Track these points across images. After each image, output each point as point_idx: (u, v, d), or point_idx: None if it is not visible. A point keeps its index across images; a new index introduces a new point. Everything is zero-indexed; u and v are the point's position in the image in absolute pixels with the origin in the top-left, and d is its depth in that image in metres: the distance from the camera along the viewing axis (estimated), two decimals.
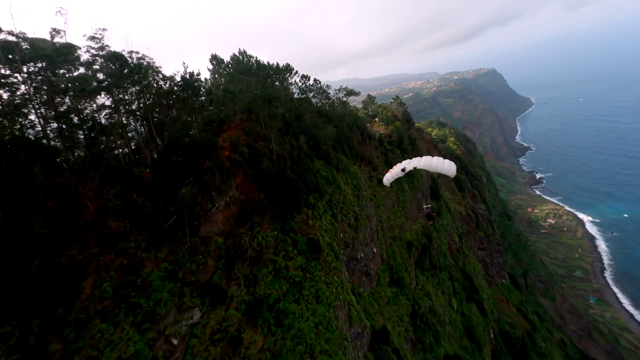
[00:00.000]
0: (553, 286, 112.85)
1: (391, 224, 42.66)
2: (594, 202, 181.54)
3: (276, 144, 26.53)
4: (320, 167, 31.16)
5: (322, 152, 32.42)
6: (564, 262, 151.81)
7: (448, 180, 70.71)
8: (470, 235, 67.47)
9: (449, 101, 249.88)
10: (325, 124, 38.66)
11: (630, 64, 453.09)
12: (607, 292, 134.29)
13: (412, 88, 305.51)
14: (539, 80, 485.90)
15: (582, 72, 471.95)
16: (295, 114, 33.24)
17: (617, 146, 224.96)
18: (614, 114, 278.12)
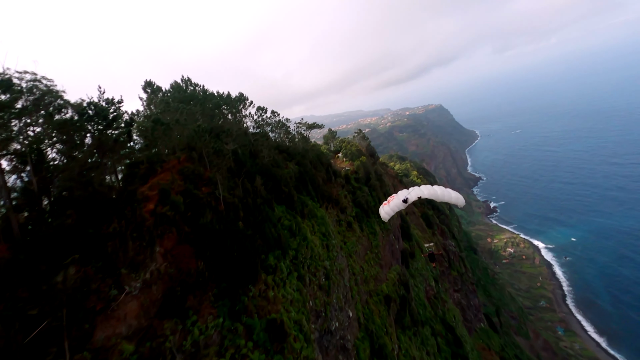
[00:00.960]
0: (525, 322, 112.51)
1: (365, 275, 37.43)
2: (544, 228, 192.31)
3: (224, 189, 20.80)
4: (282, 215, 25.65)
5: (284, 195, 27.09)
6: (528, 292, 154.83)
7: (416, 217, 68.07)
8: (445, 276, 64.17)
9: (403, 135, 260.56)
10: (285, 161, 33.69)
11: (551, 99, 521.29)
12: (571, 320, 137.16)
13: (368, 124, 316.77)
14: (480, 114, 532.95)
15: (515, 106, 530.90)
16: (250, 150, 27.95)
17: (552, 173, 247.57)
18: (546, 143, 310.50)
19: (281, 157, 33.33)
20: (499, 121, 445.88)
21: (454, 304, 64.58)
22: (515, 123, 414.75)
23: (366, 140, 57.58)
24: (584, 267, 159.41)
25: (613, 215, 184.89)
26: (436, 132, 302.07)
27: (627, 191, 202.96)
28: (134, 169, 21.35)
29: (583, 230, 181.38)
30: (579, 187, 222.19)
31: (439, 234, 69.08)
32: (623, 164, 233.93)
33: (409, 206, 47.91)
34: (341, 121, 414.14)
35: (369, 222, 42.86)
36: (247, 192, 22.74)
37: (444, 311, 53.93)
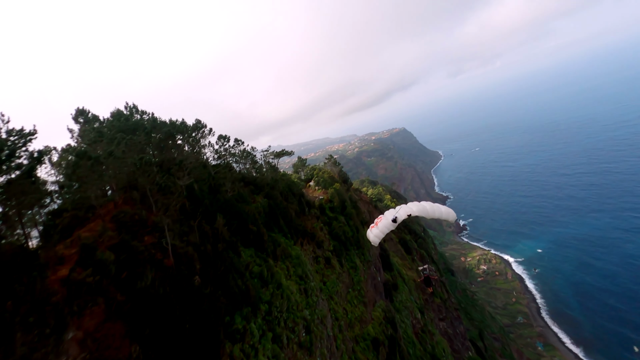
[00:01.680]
0: (507, 342, 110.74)
1: (350, 318, 33.17)
2: (511, 242, 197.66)
3: (175, 236, 16.43)
4: (251, 260, 21.36)
5: (252, 235, 22.91)
6: (505, 309, 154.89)
7: (394, 243, 65.15)
8: (429, 304, 60.80)
9: (372, 160, 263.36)
10: (252, 194, 29.64)
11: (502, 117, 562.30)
12: (549, 333, 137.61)
13: (336, 150, 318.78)
14: (441, 135, 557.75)
15: (471, 126, 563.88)
16: (210, 184, 23.75)
17: (511, 187, 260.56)
18: (503, 159, 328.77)
19: (247, 190, 29.26)
20: (459, 141, 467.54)
21: (440, 334, 61.00)
22: (473, 142, 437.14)
23: (338, 166, 54.73)
24: (552, 278, 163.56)
25: (569, 224, 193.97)
26: (402, 154, 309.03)
27: (578, 199, 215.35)
28: (55, 219, 16.54)
29: (546, 241, 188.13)
30: (536, 199, 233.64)
31: (418, 259, 66.38)
32: (570, 174, 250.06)
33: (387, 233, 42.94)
34: (309, 149, 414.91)
35: (348, 256, 39.08)
36: (205, 236, 18.43)
37: (432, 345, 50.09)
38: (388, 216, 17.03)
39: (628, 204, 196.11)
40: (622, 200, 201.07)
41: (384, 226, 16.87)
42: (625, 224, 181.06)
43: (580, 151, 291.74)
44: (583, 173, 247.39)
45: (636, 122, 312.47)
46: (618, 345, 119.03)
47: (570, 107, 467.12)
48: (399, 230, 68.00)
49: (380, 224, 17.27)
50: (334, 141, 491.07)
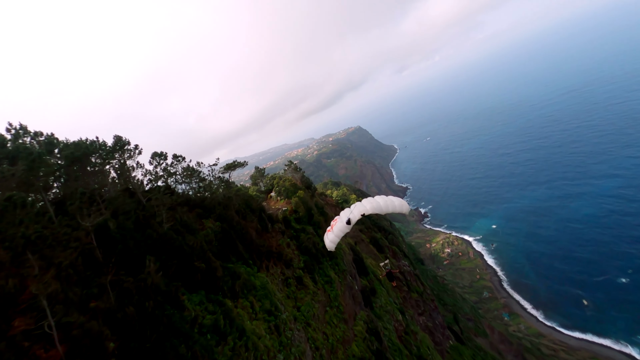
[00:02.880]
0: (479, 320, 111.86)
1: (331, 342, 28.39)
2: (468, 222, 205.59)
3: (69, 309, 10.72)
4: (200, 309, 15.87)
5: (200, 274, 17.40)
6: (471, 287, 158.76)
7: (365, 244, 61.44)
8: (407, 302, 57.73)
9: (331, 161, 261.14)
10: (200, 219, 23.92)
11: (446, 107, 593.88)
12: (512, 303, 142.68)
13: (295, 156, 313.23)
14: (394, 129, 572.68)
15: (420, 118, 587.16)
16: (139, 217, 17.88)
17: (462, 172, 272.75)
18: (452, 146, 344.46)
19: (193, 216, 23.51)
20: (411, 133, 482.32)
21: (422, 329, 58.13)
22: (424, 132, 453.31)
23: (299, 171, 49.83)
24: (508, 250, 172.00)
25: (513, 199, 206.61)
26: (360, 152, 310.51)
27: (518, 175, 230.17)
28: None
29: (497, 217, 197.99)
30: (484, 179, 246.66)
31: (391, 256, 63.31)
32: (510, 152, 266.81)
33: (357, 234, 39.30)
34: (268, 158, 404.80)
35: (321, 270, 34.29)
36: (126, 294, 12.77)
37: (417, 346, 46.73)
38: (343, 218, 15.63)
39: (558, 173, 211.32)
40: (554, 170, 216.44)
41: (339, 230, 15.58)
42: (558, 192, 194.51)
43: (515, 131, 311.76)
44: (520, 150, 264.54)
45: (558, 100, 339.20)
46: (570, 303, 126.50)
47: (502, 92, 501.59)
48: (369, 230, 64.62)
49: (335, 227, 15.86)
50: (292, 147, 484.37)
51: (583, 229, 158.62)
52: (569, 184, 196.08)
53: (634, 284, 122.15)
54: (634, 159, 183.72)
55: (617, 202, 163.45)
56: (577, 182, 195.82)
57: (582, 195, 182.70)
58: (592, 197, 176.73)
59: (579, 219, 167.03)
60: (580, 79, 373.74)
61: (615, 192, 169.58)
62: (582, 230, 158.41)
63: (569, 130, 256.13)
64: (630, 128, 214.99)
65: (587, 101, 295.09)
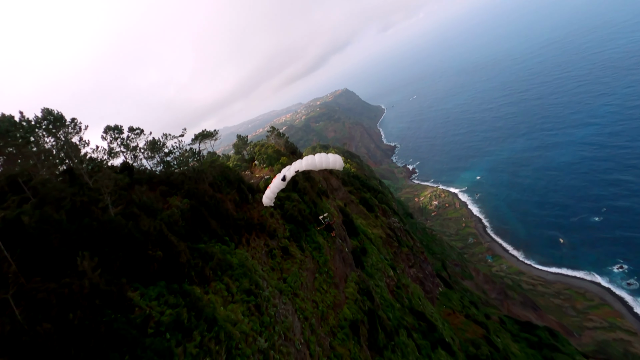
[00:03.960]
0: (465, 264, 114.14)
1: (321, 310, 26.43)
2: (454, 176, 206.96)
3: None
4: (156, 305, 13.02)
5: (156, 263, 14.37)
6: (457, 234, 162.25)
7: (355, 205, 59.10)
8: (398, 256, 56.75)
9: (320, 125, 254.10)
10: (164, 197, 20.54)
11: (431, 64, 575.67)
12: (495, 246, 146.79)
13: (284, 122, 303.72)
14: (381, 89, 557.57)
15: (406, 77, 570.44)
16: (76, 203, 14.41)
17: (447, 128, 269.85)
18: (437, 103, 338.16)
19: (156, 195, 20.08)
20: (397, 92, 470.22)
21: (413, 281, 57.75)
22: (410, 91, 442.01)
23: (282, 137, 45.84)
24: (492, 199, 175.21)
25: (496, 151, 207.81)
26: (348, 114, 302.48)
27: (500, 129, 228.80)
28: None
29: (481, 169, 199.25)
30: (468, 135, 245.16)
31: (381, 215, 61.61)
32: (493, 107, 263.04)
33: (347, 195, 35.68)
34: (257, 125, 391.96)
35: (308, 237, 31.72)
36: (41, 307, 9.68)
37: (409, 298, 46.01)
38: (279, 176, 15.39)
39: (538, 124, 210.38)
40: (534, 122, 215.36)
41: (275, 186, 15.47)
42: (537, 142, 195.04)
43: (498, 85, 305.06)
44: (502, 104, 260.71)
45: (539, 52, 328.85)
46: (547, 243, 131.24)
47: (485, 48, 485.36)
48: (358, 190, 62.09)
49: (272, 185, 15.60)
50: (280, 113, 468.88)
51: (559, 176, 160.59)
52: (547, 134, 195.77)
53: (605, 222, 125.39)
54: (609, 107, 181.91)
55: (591, 148, 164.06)
56: (554, 132, 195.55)
57: (559, 144, 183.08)
58: (568, 145, 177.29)
59: (555, 166, 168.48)
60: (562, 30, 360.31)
61: (589, 140, 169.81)
62: (558, 177, 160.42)
63: (549, 82, 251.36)
64: (607, 77, 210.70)
65: (567, 52, 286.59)
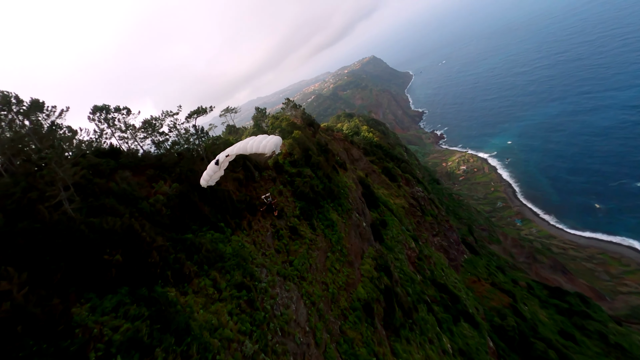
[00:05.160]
0: (493, 229, 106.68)
1: (332, 292, 23.47)
2: (484, 141, 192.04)
3: None
4: (109, 320, 10.38)
5: (115, 269, 11.60)
6: (486, 198, 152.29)
7: (377, 175, 54.28)
8: (421, 226, 52.18)
9: (347, 93, 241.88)
10: (150, 182, 17.68)
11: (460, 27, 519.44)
12: (525, 210, 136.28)
13: (313, 91, 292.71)
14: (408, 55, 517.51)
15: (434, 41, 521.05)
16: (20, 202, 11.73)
17: (477, 93, 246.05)
18: (467, 67, 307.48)
19: (141, 180, 17.22)
20: (426, 58, 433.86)
21: (436, 249, 53.40)
22: (438, 56, 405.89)
23: (298, 108, 41.28)
24: (523, 164, 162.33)
25: (529, 116, 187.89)
26: (376, 81, 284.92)
27: (534, 94, 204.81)
28: None
29: (513, 134, 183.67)
30: (499, 100, 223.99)
31: (404, 184, 56.46)
32: (527, 71, 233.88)
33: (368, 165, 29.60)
34: (287, 95, 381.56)
35: (321, 214, 28.25)
36: None
37: (431, 270, 42.06)
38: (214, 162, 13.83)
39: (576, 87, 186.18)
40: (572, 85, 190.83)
41: (211, 169, 13.86)
42: (575, 106, 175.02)
43: (533, 47, 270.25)
44: (537, 67, 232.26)
45: (583, 9, 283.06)
46: (581, 208, 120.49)
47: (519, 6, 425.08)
48: (380, 160, 56.77)
49: (208, 169, 14.04)
50: (309, 82, 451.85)
51: (597, 141, 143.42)
52: (584, 97, 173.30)
53: None
54: None
55: (635, 111, 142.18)
56: (593, 95, 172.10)
57: (598, 108, 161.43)
58: (608, 109, 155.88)
59: (593, 131, 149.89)
60: None
61: (634, 102, 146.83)
62: (595, 142, 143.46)
63: (591, 41, 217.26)
64: None
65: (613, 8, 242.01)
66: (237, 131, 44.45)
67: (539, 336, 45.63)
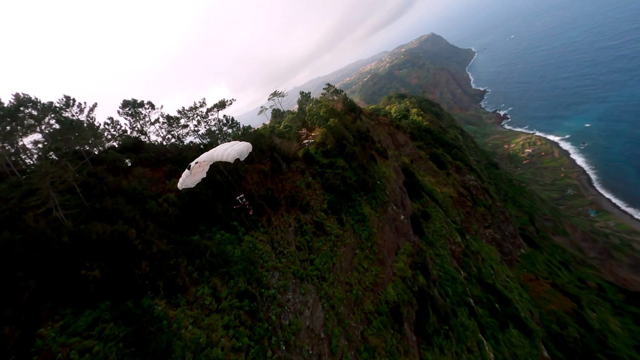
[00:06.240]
0: (560, 220, 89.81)
1: (355, 294, 20.36)
2: (556, 122, 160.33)
3: None
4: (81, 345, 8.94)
5: (93, 285, 10.16)
6: (553, 184, 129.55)
7: (424, 161, 47.61)
8: (471, 216, 44.82)
9: (403, 72, 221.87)
10: (168, 178, 16.21)
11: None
12: (601, 200, 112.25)
13: (369, 70, 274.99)
14: (471, 31, 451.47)
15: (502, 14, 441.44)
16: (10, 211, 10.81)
17: (549, 71, 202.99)
18: (541, 42, 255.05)
19: (159, 176, 15.80)
20: (492, 33, 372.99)
21: (487, 242, 45.80)
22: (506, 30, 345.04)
23: (339, 93, 36.88)
24: (603, 150, 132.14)
25: (614, 97, 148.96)
26: (434, 60, 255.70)
27: (621, 71, 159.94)
28: None
29: (592, 117, 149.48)
30: (576, 78, 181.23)
31: (454, 172, 48.66)
32: (615, 45, 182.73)
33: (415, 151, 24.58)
34: (345, 75, 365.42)
35: (351, 208, 24.72)
36: None
37: (478, 267, 35.78)
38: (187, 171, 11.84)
39: None
40: None
41: (184, 174, 11.75)
42: None
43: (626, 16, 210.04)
44: (628, 40, 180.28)
45: None
46: None
47: None
48: (428, 146, 49.22)
49: (183, 173, 11.92)
50: (366, 62, 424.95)
51: None
52: None
53: None
54: None
55: None
56: None
57: None
58: None
59: None
60: None
61: None
62: None
63: None
64: None
65: None
66: (281, 115, 42.29)
67: (608, 351, 36.70)
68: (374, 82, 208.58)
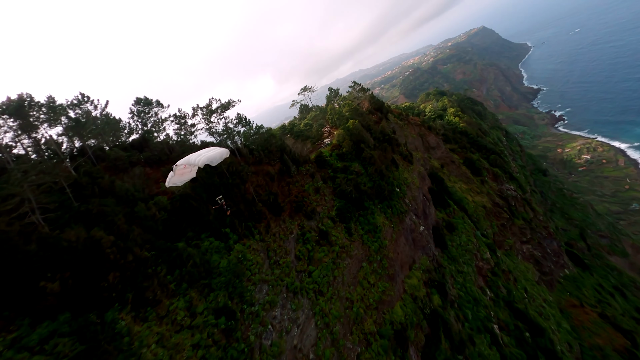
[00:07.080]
0: (619, 237, 76.01)
1: (356, 311, 18.10)
2: (623, 127, 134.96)
3: None
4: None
5: (53, 297, 9.44)
6: (615, 196, 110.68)
7: (456, 166, 42.34)
8: (507, 229, 38.95)
9: (447, 67, 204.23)
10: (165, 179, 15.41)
11: None
12: None
13: (411, 64, 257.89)
14: (529, 24, 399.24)
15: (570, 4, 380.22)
16: None
17: (614, 70, 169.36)
18: (611, 38, 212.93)
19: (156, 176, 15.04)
20: (553, 25, 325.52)
21: (524, 259, 39.68)
22: (571, 23, 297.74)
23: (366, 91, 33.72)
24: None
25: None
26: (482, 55, 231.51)
27: None
28: None
29: None
30: None
31: (491, 180, 42.55)
32: None
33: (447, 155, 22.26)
34: (387, 68, 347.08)
35: (362, 217, 22.17)
36: None
37: (508, 288, 30.80)
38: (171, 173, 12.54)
39: None
40: None
41: (170, 176, 12.32)
42: None
43: None
44: None
45: None
46: None
47: None
48: (463, 149, 43.37)
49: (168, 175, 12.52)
50: (409, 56, 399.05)
51: None
52: None
53: None
54: None
55: None
56: None
57: None
58: None
59: None
60: None
61: None
62: None
63: None
64: None
65: None
66: (308, 111, 40.45)
67: None
68: (416, 76, 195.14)
